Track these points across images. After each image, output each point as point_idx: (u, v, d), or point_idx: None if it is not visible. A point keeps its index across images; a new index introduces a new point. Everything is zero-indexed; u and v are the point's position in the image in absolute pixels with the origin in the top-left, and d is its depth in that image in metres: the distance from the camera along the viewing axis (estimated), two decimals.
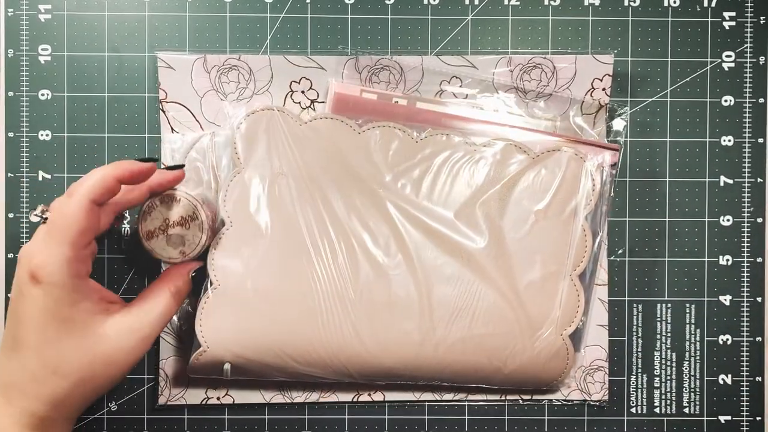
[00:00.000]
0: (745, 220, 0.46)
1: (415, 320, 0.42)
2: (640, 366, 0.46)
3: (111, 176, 0.36)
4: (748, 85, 0.46)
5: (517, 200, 0.43)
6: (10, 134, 0.45)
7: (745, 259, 0.46)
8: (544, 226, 0.43)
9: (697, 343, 0.46)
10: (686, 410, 0.46)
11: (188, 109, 0.45)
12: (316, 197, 0.42)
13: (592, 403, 0.46)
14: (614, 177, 0.44)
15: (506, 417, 0.46)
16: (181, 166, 0.41)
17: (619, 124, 0.45)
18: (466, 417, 0.46)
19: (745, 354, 0.46)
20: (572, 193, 0.43)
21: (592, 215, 0.43)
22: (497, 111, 0.45)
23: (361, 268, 0.42)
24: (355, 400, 0.46)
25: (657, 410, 0.46)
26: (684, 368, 0.46)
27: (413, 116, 0.44)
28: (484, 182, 0.43)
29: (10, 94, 0.45)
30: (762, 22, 0.46)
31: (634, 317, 0.46)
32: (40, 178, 0.45)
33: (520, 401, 0.46)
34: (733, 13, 0.46)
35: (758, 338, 0.46)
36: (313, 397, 0.45)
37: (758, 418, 0.46)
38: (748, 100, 0.46)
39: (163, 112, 0.45)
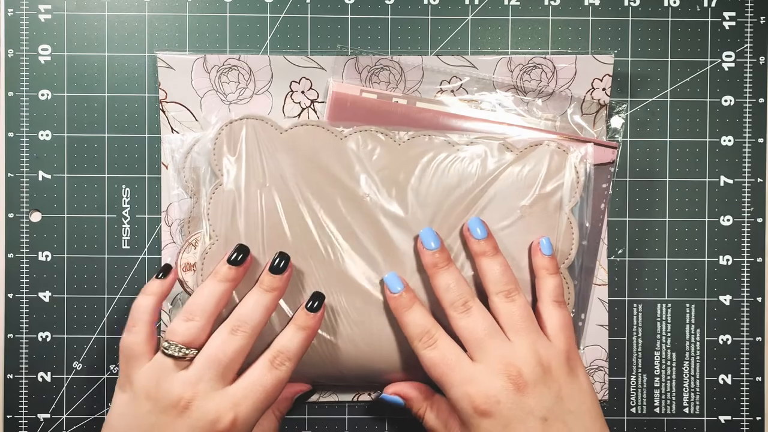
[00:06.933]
0: (745, 220, 0.46)
1: None
2: (640, 366, 0.46)
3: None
4: (748, 85, 0.46)
5: (502, 197, 0.43)
6: (10, 134, 0.45)
7: (745, 259, 0.46)
8: (531, 221, 0.43)
9: (697, 343, 0.46)
10: (686, 410, 0.46)
11: (188, 109, 0.45)
12: (300, 207, 0.42)
13: None
14: (613, 175, 0.44)
15: None
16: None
17: (617, 121, 0.45)
18: None
19: (745, 354, 0.46)
20: (557, 187, 0.43)
21: (578, 207, 0.43)
22: (496, 110, 0.45)
23: (351, 275, 0.42)
24: (355, 400, 0.46)
25: (657, 410, 0.46)
26: (684, 368, 0.46)
27: (412, 116, 0.44)
28: (468, 181, 0.43)
29: (10, 94, 0.45)
30: (762, 22, 0.46)
31: (634, 317, 0.46)
32: (40, 178, 0.45)
33: None
34: (733, 13, 0.46)
35: (758, 338, 0.46)
36: (313, 397, 0.45)
37: (758, 418, 0.46)
38: (748, 100, 0.46)
39: (163, 112, 0.45)
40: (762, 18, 0.46)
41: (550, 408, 0.36)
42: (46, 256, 0.45)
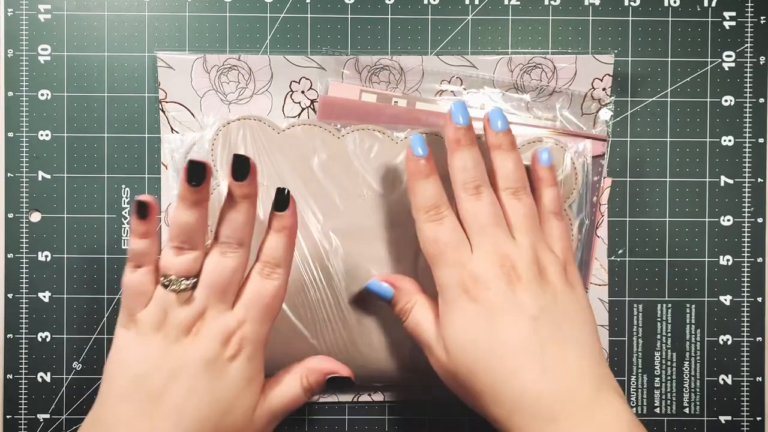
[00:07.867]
0: (745, 220, 0.46)
1: None
2: (640, 366, 0.46)
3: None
4: (748, 85, 0.46)
5: None
6: (10, 134, 0.45)
7: (746, 259, 0.46)
8: None
9: (698, 343, 0.46)
10: (686, 410, 0.46)
11: (188, 109, 0.45)
12: (300, 207, 0.42)
13: None
14: (603, 168, 0.44)
15: None
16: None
17: (605, 114, 0.45)
18: (467, 417, 0.46)
19: (745, 354, 0.46)
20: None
21: (577, 203, 0.43)
22: (485, 109, 0.44)
23: (351, 275, 0.42)
24: (355, 400, 0.46)
25: (657, 410, 0.46)
26: (684, 368, 0.46)
27: (402, 117, 0.44)
28: None
29: (10, 94, 0.45)
30: (762, 22, 0.46)
31: (634, 317, 0.46)
32: (40, 178, 0.45)
33: None
34: (733, 13, 0.46)
35: (758, 338, 0.46)
36: (313, 398, 0.45)
37: (758, 419, 0.46)
38: (748, 100, 0.46)
39: (163, 112, 0.45)
40: (762, 18, 0.46)
41: (544, 308, 0.35)
42: (46, 256, 0.45)
